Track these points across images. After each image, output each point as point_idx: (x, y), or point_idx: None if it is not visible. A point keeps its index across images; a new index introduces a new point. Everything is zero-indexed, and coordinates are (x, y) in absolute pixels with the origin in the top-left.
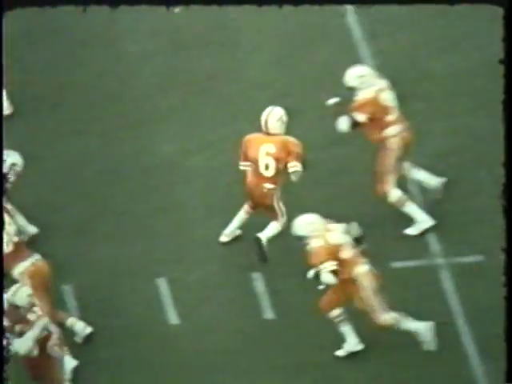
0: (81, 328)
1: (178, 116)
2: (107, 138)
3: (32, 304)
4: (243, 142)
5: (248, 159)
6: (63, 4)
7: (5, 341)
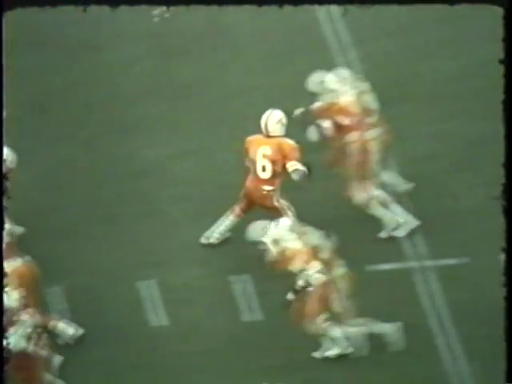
0: (71, 330)
1: (162, 122)
2: (92, 144)
3: (24, 305)
4: (245, 142)
5: (249, 160)
6: (63, 4)
7: (5, 341)
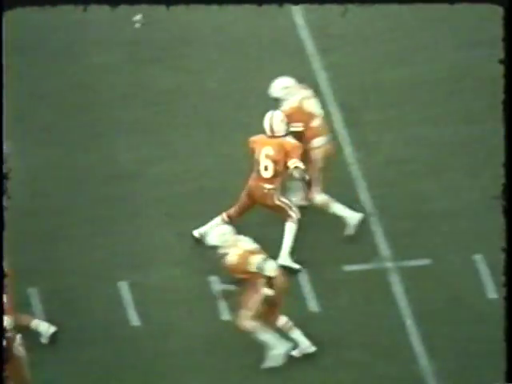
0: (45, 328)
1: (139, 127)
2: (72, 148)
3: None
4: (250, 142)
5: (253, 159)
6: (63, 4)
7: (5, 341)
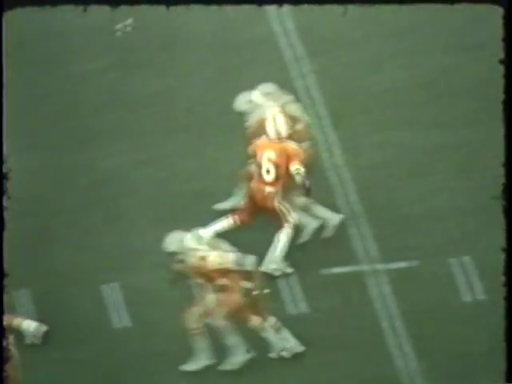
0: (36, 328)
1: (124, 131)
2: (56, 152)
3: None
4: (252, 145)
5: (255, 162)
6: (63, 4)
7: (5, 341)
